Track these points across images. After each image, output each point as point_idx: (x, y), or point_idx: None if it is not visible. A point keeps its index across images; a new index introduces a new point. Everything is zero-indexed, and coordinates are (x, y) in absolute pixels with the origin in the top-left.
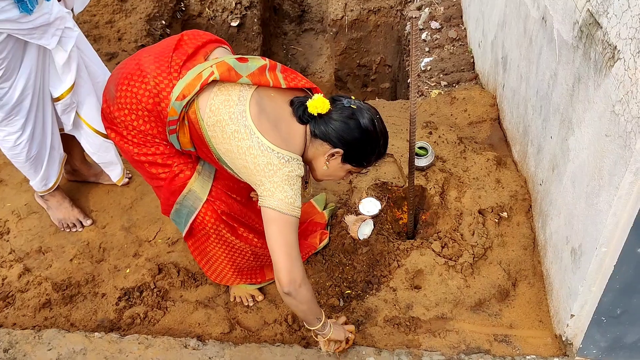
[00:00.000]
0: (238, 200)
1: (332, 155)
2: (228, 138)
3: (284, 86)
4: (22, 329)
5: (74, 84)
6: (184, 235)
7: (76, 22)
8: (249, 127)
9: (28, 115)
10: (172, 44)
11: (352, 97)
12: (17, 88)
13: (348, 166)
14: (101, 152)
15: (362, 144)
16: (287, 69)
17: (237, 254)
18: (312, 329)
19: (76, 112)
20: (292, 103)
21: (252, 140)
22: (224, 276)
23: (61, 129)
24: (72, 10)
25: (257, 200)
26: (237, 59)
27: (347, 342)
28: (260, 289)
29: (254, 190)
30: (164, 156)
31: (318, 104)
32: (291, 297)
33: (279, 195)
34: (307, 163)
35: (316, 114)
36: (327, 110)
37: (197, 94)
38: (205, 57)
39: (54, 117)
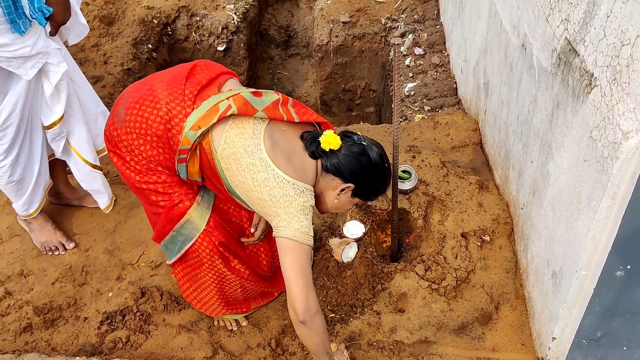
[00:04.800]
0: (231, 234)
1: (343, 189)
2: (243, 170)
3: (297, 120)
4: (2, 354)
5: (63, 114)
6: (171, 262)
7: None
8: (264, 160)
9: (13, 141)
10: (184, 72)
11: (359, 133)
12: (2, 115)
13: (356, 200)
14: (89, 180)
15: (373, 180)
16: (298, 103)
17: (227, 284)
18: None
19: (67, 139)
20: (302, 137)
21: (268, 172)
22: (210, 306)
23: (51, 155)
24: (66, 41)
25: (247, 244)
26: (252, 93)
27: None
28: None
29: (245, 235)
30: (166, 185)
31: (331, 140)
32: (306, 326)
33: (295, 225)
34: (315, 196)
35: (328, 150)
36: (338, 147)
37: (213, 125)
38: (219, 88)
39: (44, 144)
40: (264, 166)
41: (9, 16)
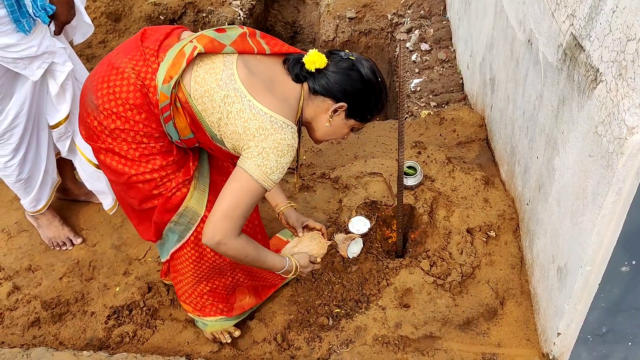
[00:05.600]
0: None
1: (335, 110)
2: (218, 106)
3: (268, 52)
4: (11, 348)
5: (69, 114)
6: (169, 255)
7: (72, 45)
8: (239, 90)
9: (20, 141)
10: (136, 38)
11: (347, 50)
12: (9, 115)
13: (352, 122)
14: (93, 180)
15: (366, 96)
16: (267, 35)
17: (217, 274)
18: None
19: (72, 139)
20: (286, 61)
21: (243, 103)
22: (203, 303)
23: (57, 153)
24: (72, 41)
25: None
26: (215, 30)
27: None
28: (237, 324)
29: None
30: (162, 173)
31: (315, 59)
32: (210, 248)
33: (257, 161)
34: (306, 125)
35: (314, 70)
36: (325, 65)
37: (183, 71)
38: (178, 37)
39: (51, 143)
40: (238, 97)
41: (13, 15)
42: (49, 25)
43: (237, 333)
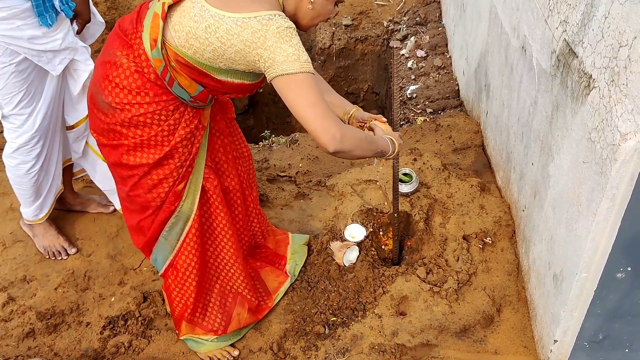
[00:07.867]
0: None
1: None
2: (206, 39)
3: None
4: (5, 359)
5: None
6: (167, 265)
7: None
8: (216, 15)
9: (43, 146)
10: (115, 31)
11: None
12: (38, 117)
13: None
14: (107, 179)
15: None
16: None
17: (204, 270)
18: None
19: (86, 140)
20: None
21: (226, 22)
22: (195, 311)
23: (66, 160)
24: None
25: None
26: None
27: None
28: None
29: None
30: (175, 178)
31: None
32: (341, 152)
33: (279, 58)
34: (292, 20)
35: None
36: None
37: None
38: (148, 7)
39: (60, 148)
40: (219, 20)
41: (37, 9)
42: (71, 24)
43: (235, 352)
